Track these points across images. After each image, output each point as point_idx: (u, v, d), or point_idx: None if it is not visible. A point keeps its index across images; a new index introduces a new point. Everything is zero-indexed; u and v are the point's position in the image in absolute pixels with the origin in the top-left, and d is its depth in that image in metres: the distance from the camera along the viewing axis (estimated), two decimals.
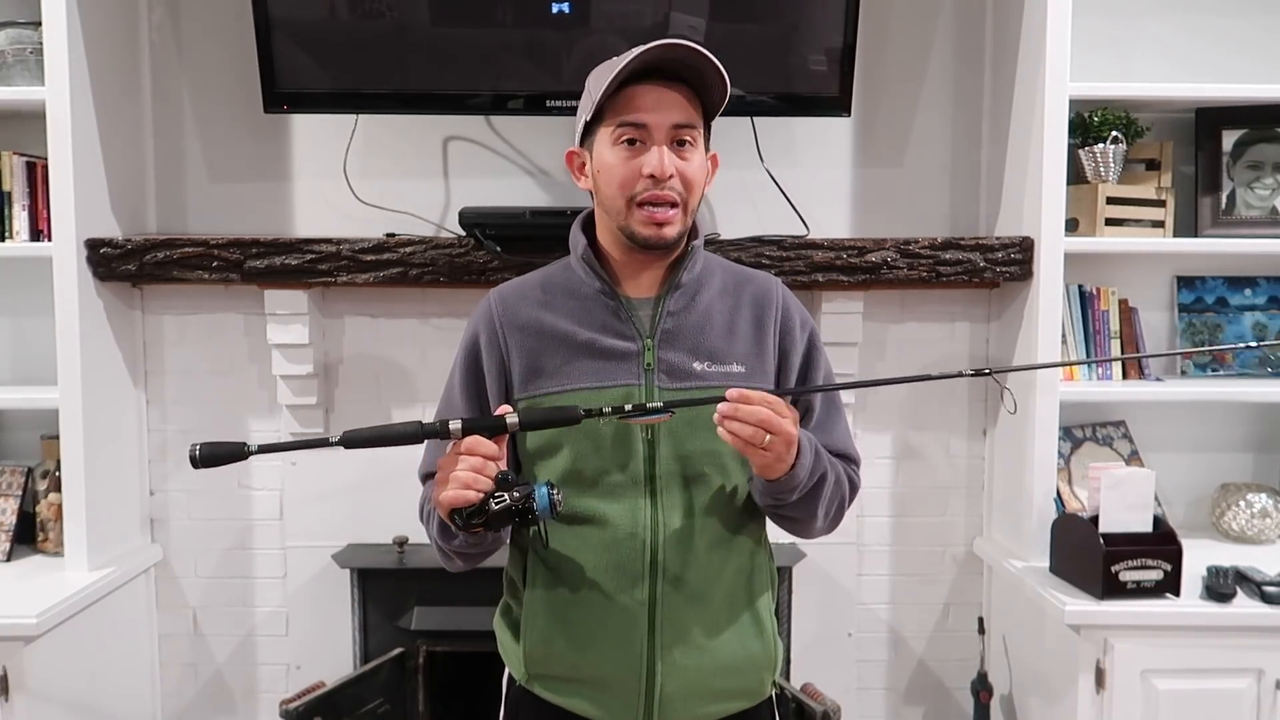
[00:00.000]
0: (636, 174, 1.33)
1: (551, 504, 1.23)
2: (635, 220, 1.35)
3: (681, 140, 1.35)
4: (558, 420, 1.27)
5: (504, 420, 1.24)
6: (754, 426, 1.21)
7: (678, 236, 1.37)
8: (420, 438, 1.25)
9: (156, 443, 2.49)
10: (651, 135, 1.33)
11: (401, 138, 2.44)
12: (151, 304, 2.46)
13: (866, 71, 2.42)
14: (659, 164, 1.32)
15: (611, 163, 1.35)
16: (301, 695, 2.21)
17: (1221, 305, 2.51)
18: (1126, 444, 2.48)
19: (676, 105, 1.34)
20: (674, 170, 1.33)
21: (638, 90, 1.33)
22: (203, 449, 1.24)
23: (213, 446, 1.25)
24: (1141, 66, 2.45)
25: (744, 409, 1.21)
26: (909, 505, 2.55)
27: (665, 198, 1.34)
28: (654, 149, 1.33)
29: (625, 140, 1.34)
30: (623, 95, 1.34)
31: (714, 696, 1.41)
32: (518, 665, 1.44)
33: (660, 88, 1.33)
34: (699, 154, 1.37)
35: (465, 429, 1.23)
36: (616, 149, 1.35)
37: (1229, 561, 2.13)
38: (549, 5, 2.17)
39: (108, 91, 2.27)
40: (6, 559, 2.31)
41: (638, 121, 1.33)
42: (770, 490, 1.31)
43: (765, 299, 1.45)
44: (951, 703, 2.58)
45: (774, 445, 1.23)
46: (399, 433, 1.25)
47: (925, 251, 2.27)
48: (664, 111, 1.33)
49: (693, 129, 1.35)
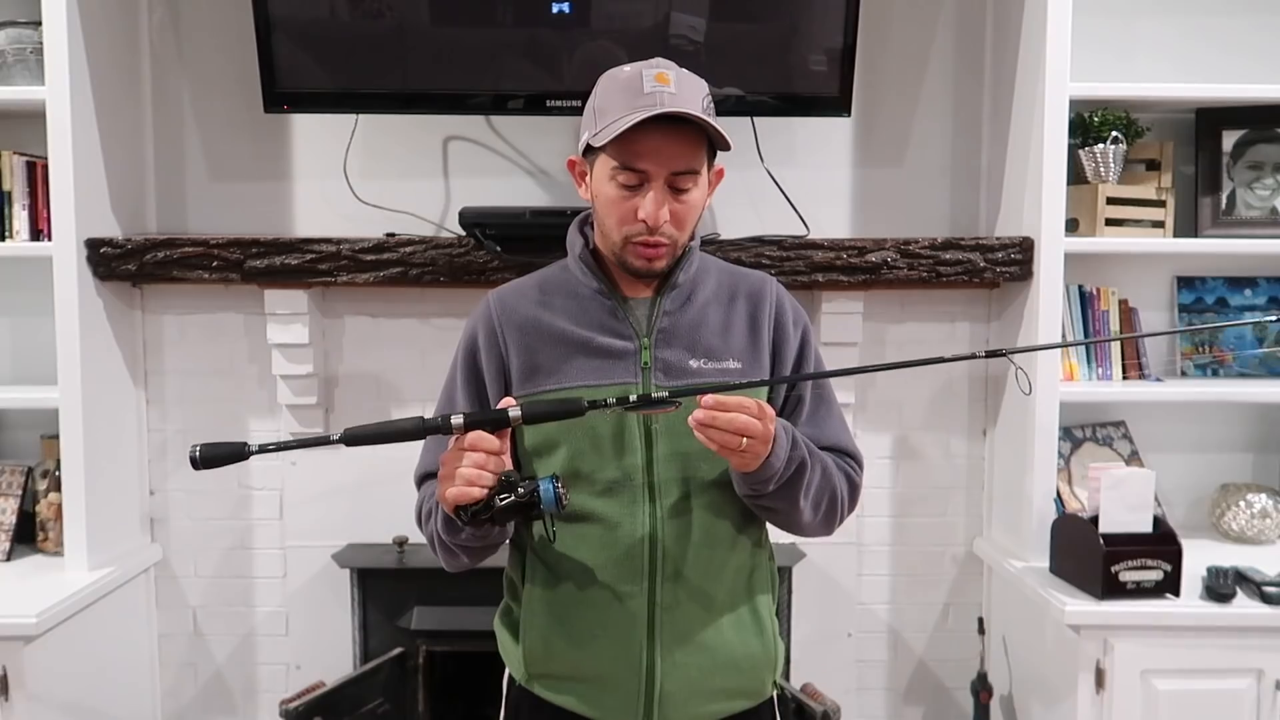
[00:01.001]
0: (631, 216, 1.34)
1: (557, 498, 1.21)
2: (629, 254, 1.37)
3: (678, 187, 1.34)
4: (561, 412, 1.24)
5: (506, 413, 1.23)
6: (731, 434, 1.21)
7: (667, 268, 1.39)
8: (422, 433, 1.24)
9: (156, 443, 2.49)
10: (649, 180, 1.33)
11: (401, 138, 2.44)
12: (151, 304, 2.47)
13: (866, 71, 2.42)
14: (653, 213, 1.32)
15: (609, 197, 1.35)
16: (301, 695, 2.21)
17: (1221, 305, 2.51)
18: (1126, 444, 2.48)
19: (678, 154, 1.32)
20: (667, 218, 1.33)
21: (640, 134, 1.30)
22: (203, 450, 1.23)
23: (213, 447, 1.23)
24: (1141, 66, 2.45)
25: (722, 418, 1.20)
26: (909, 505, 2.55)
27: (656, 242, 1.35)
28: (650, 195, 1.32)
29: (622, 182, 1.33)
30: (625, 134, 1.31)
31: (714, 696, 1.41)
32: (518, 665, 1.44)
33: (664, 133, 1.31)
34: (697, 191, 1.36)
35: (468, 423, 1.22)
36: (613, 184, 1.34)
37: (1229, 562, 2.13)
38: (549, 5, 2.17)
39: (108, 91, 2.27)
40: (6, 559, 2.31)
41: (636, 167, 1.32)
42: (748, 481, 1.31)
43: (759, 297, 1.46)
44: (951, 703, 2.59)
45: (751, 447, 1.23)
46: (401, 429, 1.23)
47: (925, 251, 2.27)
48: (664, 159, 1.32)
49: (693, 174, 1.34)
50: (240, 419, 2.48)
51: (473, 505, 1.21)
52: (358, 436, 1.23)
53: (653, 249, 1.35)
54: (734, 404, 1.21)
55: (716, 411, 1.20)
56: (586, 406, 1.22)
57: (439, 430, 1.23)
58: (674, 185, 1.33)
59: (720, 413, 1.20)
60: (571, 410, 1.23)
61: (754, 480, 1.30)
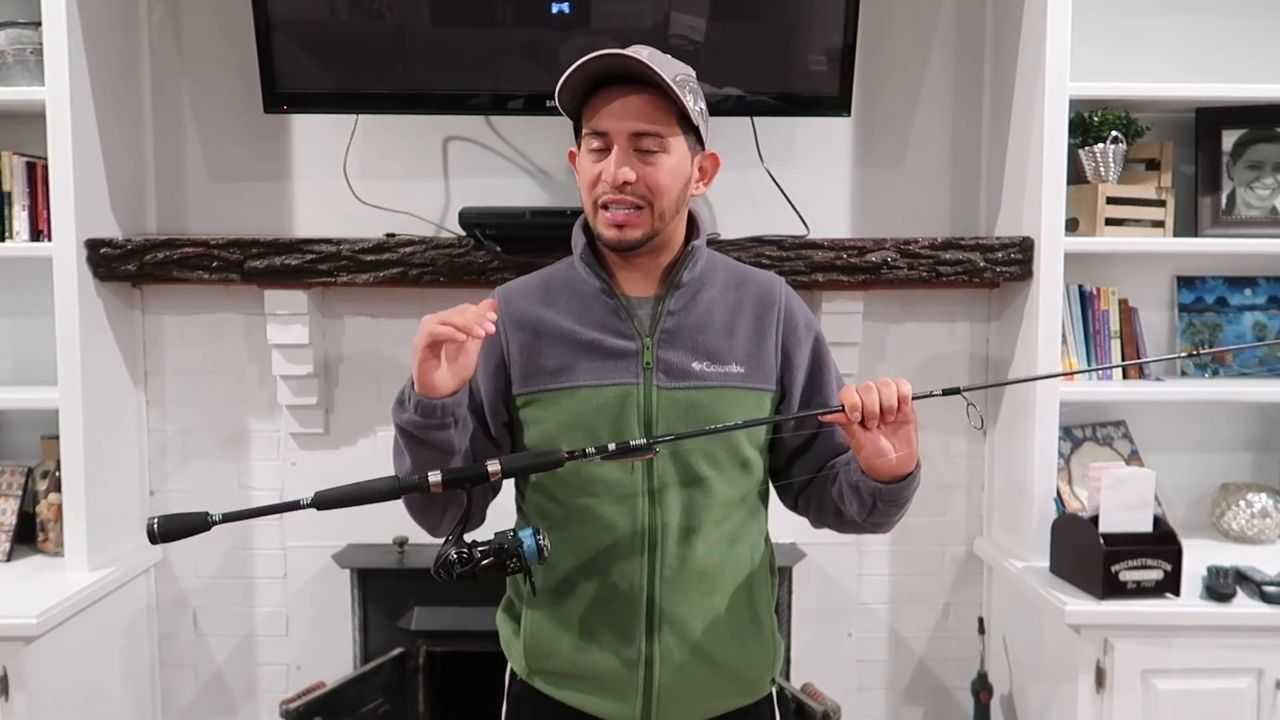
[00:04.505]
0: (597, 178, 1.35)
1: (539, 549, 1.22)
2: (600, 222, 1.36)
3: (643, 148, 1.33)
4: (540, 465, 1.25)
5: (485, 469, 1.22)
6: (898, 401, 1.24)
7: (642, 238, 1.36)
8: (398, 493, 1.22)
9: (156, 443, 2.49)
10: (612, 142, 1.33)
11: (401, 138, 2.44)
12: (151, 304, 2.46)
13: (866, 71, 2.42)
14: (612, 171, 1.33)
15: (582, 166, 1.38)
16: (301, 695, 2.21)
17: (1221, 305, 2.51)
18: (1126, 444, 2.48)
19: (636, 113, 1.33)
20: (630, 178, 1.32)
21: (600, 97, 1.34)
22: (161, 522, 1.17)
23: (172, 519, 1.18)
24: (1141, 66, 2.45)
25: (882, 393, 1.24)
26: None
27: (623, 200, 1.34)
28: (612, 154, 1.33)
29: (593, 148, 1.35)
30: (590, 101, 1.35)
31: (713, 692, 1.41)
32: (519, 660, 1.45)
33: (622, 95, 1.33)
34: (670, 158, 1.35)
35: (446, 480, 1.21)
36: (588, 154, 1.36)
37: (1229, 561, 2.13)
38: (549, 5, 2.17)
39: (108, 91, 2.27)
40: (6, 559, 2.31)
41: (598, 129, 1.34)
42: (902, 488, 1.32)
43: (767, 299, 1.45)
44: (951, 703, 2.58)
45: (909, 420, 1.27)
46: (375, 490, 1.21)
47: (925, 251, 2.27)
48: (622, 118, 1.33)
49: (656, 136, 1.33)
50: (240, 419, 2.48)
51: (457, 563, 1.19)
52: (330, 499, 1.21)
53: (621, 215, 1.34)
54: (863, 388, 1.25)
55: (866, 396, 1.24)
56: (565, 458, 1.23)
57: (416, 488, 1.21)
58: (639, 148, 1.33)
59: (866, 395, 1.24)
60: (550, 463, 1.24)
61: (908, 486, 1.32)
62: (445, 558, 1.20)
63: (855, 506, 1.37)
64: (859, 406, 1.24)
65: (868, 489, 1.33)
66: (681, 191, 1.38)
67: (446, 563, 1.20)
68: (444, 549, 1.21)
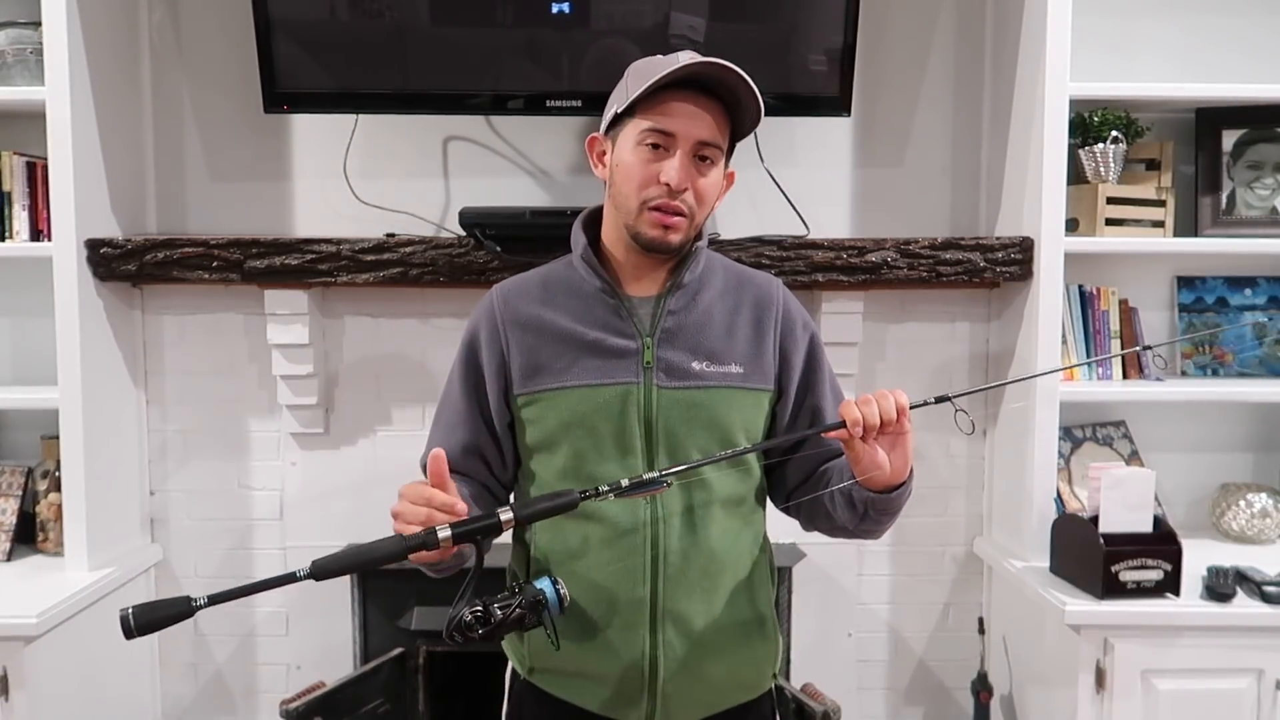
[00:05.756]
0: (653, 179, 1.34)
1: (559, 600, 1.18)
2: (644, 222, 1.36)
3: (703, 156, 1.36)
4: (556, 509, 1.21)
5: (498, 518, 1.16)
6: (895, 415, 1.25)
7: (681, 244, 1.38)
8: (404, 554, 1.14)
9: (156, 443, 2.49)
10: (676, 145, 1.34)
11: (401, 138, 2.44)
12: (151, 304, 2.46)
13: (866, 71, 2.42)
14: (677, 176, 1.33)
15: (631, 162, 1.36)
16: (301, 695, 2.20)
17: (1221, 305, 2.51)
18: (1126, 444, 2.48)
19: (706, 123, 1.34)
20: (689, 185, 1.34)
21: (674, 98, 1.33)
22: (137, 612, 1.04)
23: (149, 609, 1.05)
24: (1141, 66, 2.45)
25: (881, 405, 1.24)
26: (909, 505, 2.53)
27: (676, 207, 1.35)
28: (675, 158, 1.34)
29: (650, 144, 1.35)
30: (658, 98, 1.34)
31: (715, 689, 1.42)
32: (520, 659, 1.45)
33: (696, 101, 1.34)
34: (717, 172, 1.38)
35: (455, 535, 1.14)
36: (640, 149, 1.35)
37: (1229, 561, 2.12)
38: (549, 5, 2.17)
39: (108, 91, 2.27)
40: (6, 559, 2.31)
41: (666, 129, 1.34)
42: (895, 498, 1.33)
43: (766, 300, 1.46)
44: (951, 703, 2.58)
45: (905, 431, 1.28)
46: (380, 553, 1.12)
47: (925, 251, 2.27)
48: (694, 125, 1.34)
49: (717, 149, 1.37)
50: (240, 419, 2.48)
51: (476, 622, 1.13)
52: (328, 569, 1.11)
53: (671, 215, 1.35)
54: (863, 400, 1.25)
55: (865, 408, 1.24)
56: (579, 499, 1.19)
57: (423, 547, 1.13)
58: (699, 156, 1.35)
59: (865, 408, 1.24)
60: (564, 506, 1.20)
61: (901, 495, 1.33)
62: (459, 619, 1.13)
63: (847, 514, 1.38)
64: (860, 421, 1.24)
65: (860, 498, 1.34)
66: (714, 206, 1.42)
67: (461, 625, 1.13)
68: (457, 608, 1.14)
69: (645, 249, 1.38)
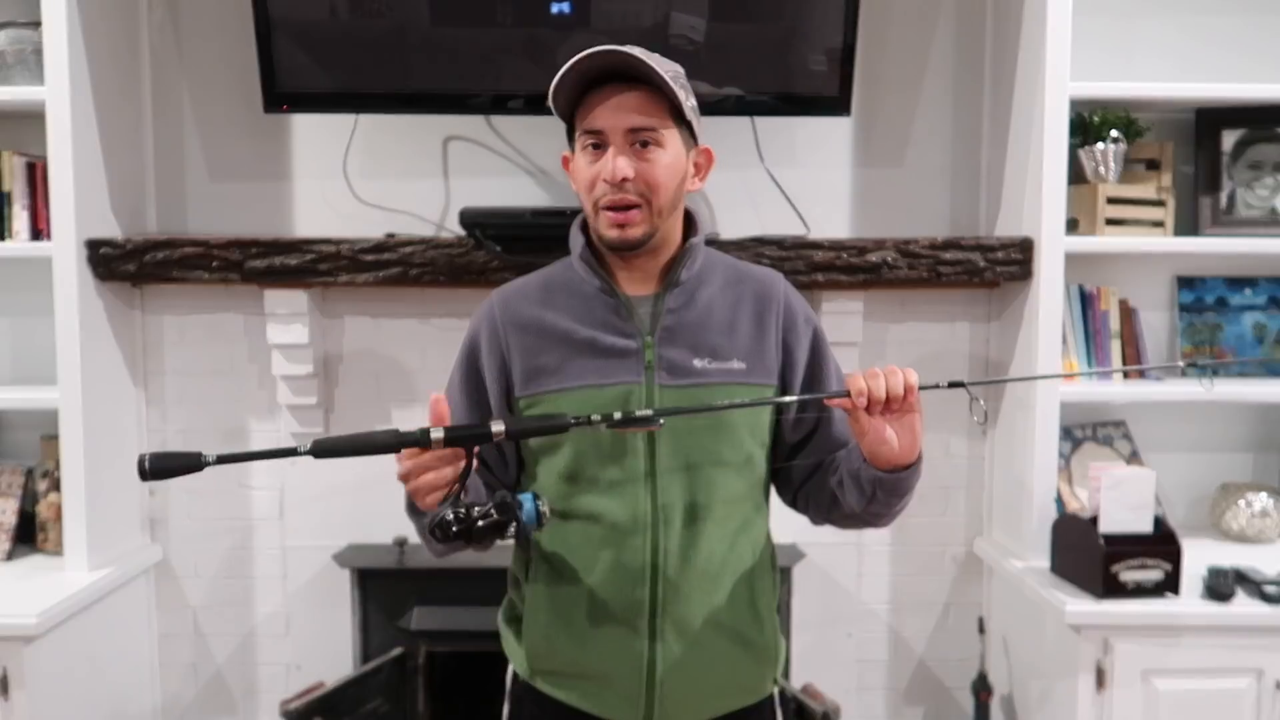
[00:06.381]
0: (595, 178, 1.35)
1: (538, 515, 1.20)
2: (601, 223, 1.36)
3: (642, 141, 1.34)
4: (546, 429, 1.24)
5: (489, 429, 1.20)
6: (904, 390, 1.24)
7: (644, 236, 1.36)
8: (397, 447, 1.18)
9: (156, 443, 2.49)
10: (608, 139, 1.33)
11: (401, 138, 2.44)
12: (151, 304, 2.46)
13: (866, 71, 2.42)
14: (610, 168, 1.33)
15: (579, 167, 1.38)
16: (301, 695, 2.21)
17: (1221, 305, 2.51)
18: (1126, 444, 2.48)
19: (632, 108, 1.33)
20: (629, 173, 1.32)
21: (594, 97, 1.34)
22: (153, 459, 1.19)
23: (164, 457, 1.20)
24: (1141, 66, 2.45)
25: (889, 381, 1.24)
26: (909, 505, 2.55)
27: (626, 201, 1.34)
28: (609, 152, 1.33)
29: (589, 146, 1.35)
30: (584, 102, 1.35)
31: (715, 692, 1.41)
32: (520, 661, 1.45)
33: (617, 92, 1.33)
34: (665, 153, 1.35)
35: (448, 438, 1.17)
36: (583, 154, 1.36)
37: (1229, 561, 2.13)
38: (549, 5, 2.17)
39: (108, 91, 2.27)
40: (6, 559, 2.31)
41: (594, 128, 1.34)
42: (903, 479, 1.33)
43: (767, 295, 1.45)
44: (951, 703, 2.58)
45: (915, 409, 1.27)
46: (375, 442, 1.18)
47: (925, 251, 2.27)
48: (617, 116, 1.33)
49: (652, 130, 1.34)
50: (240, 419, 2.48)
51: (454, 523, 1.17)
52: (328, 448, 1.19)
53: (622, 212, 1.34)
54: (870, 374, 1.25)
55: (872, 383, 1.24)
56: (571, 423, 1.21)
57: (416, 443, 1.17)
58: (635, 143, 1.33)
59: (873, 381, 1.24)
60: (556, 427, 1.22)
61: (911, 476, 1.33)
62: (441, 517, 1.17)
63: (855, 496, 1.37)
64: (864, 391, 1.24)
65: (868, 477, 1.33)
66: (678, 187, 1.38)
67: (442, 523, 1.16)
68: (441, 509, 1.18)
69: (611, 250, 1.39)
